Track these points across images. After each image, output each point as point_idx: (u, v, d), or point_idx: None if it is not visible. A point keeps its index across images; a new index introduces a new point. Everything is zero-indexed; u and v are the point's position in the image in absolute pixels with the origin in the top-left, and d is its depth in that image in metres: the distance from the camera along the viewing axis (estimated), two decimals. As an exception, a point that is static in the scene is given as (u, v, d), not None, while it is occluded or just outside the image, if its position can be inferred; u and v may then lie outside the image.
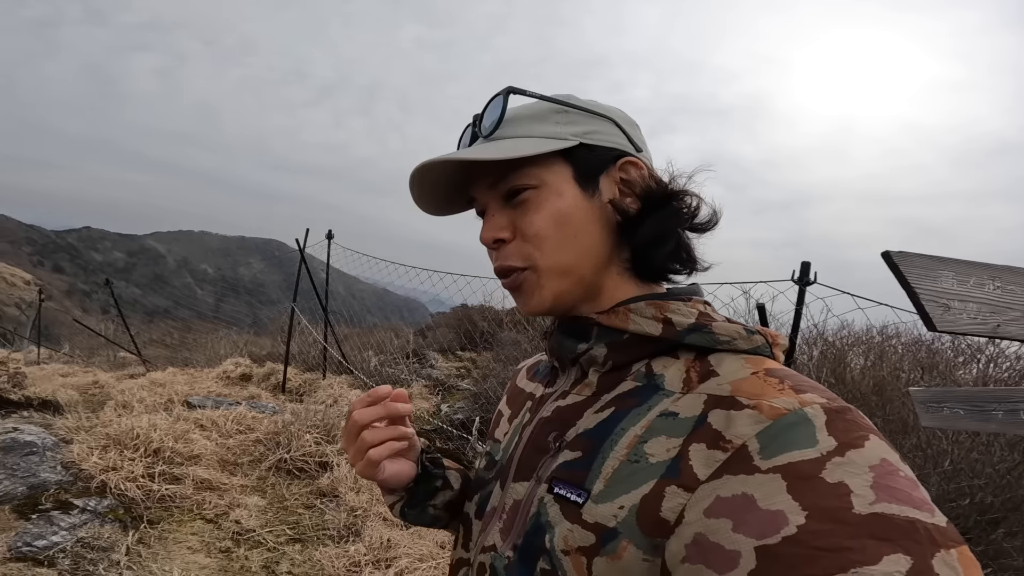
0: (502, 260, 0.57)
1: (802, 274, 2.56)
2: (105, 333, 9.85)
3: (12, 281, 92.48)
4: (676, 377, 0.50)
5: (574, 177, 0.55)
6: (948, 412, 1.84)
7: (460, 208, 0.64)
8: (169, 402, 4.51)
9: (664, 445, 0.45)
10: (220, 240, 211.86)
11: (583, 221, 0.55)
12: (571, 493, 0.49)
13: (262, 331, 10.49)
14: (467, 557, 0.60)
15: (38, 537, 2.38)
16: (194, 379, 6.24)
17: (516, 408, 0.68)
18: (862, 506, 0.36)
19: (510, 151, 0.53)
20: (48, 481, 2.73)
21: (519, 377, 0.75)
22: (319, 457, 3.85)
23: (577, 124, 0.56)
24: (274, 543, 2.86)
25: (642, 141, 0.60)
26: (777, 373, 0.46)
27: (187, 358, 8.34)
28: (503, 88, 0.56)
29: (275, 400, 5.77)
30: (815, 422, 0.40)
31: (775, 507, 0.37)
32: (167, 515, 2.85)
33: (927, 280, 1.24)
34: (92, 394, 4.65)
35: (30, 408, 3.80)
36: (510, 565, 0.51)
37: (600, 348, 0.55)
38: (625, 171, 0.56)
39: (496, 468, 0.62)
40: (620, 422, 0.50)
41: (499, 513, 0.57)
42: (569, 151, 0.55)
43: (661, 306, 0.53)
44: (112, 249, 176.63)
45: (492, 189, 0.57)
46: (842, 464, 0.38)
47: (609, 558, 0.44)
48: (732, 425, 0.42)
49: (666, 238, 0.55)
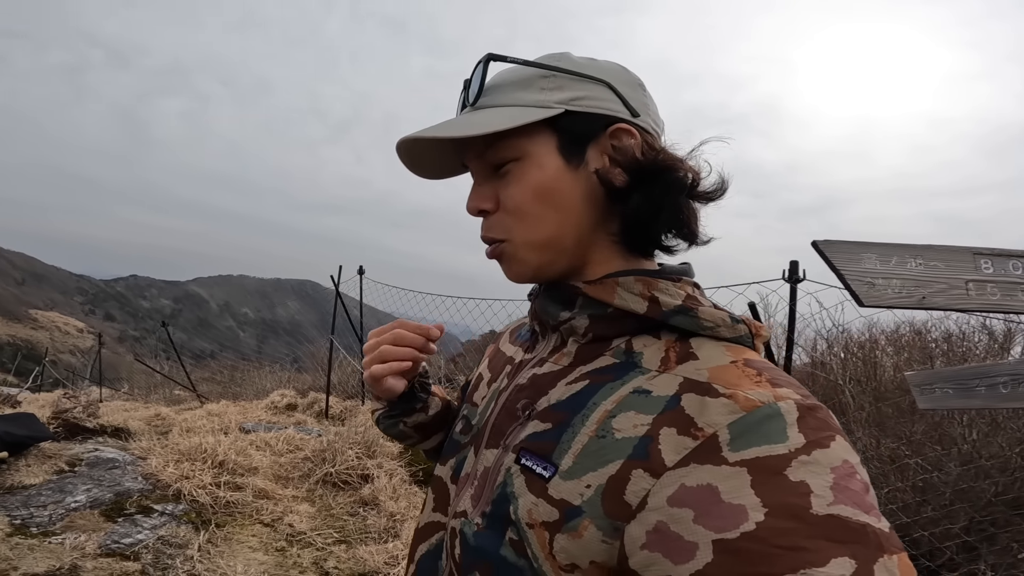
0: (485, 230, 0.57)
1: (792, 272, 2.67)
2: (160, 372, 10.55)
3: (66, 330, 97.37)
4: (654, 356, 0.49)
5: (558, 148, 0.53)
6: (939, 392, 1.92)
7: (457, 172, 0.62)
8: (226, 428, 4.92)
9: (632, 421, 0.45)
10: (257, 283, 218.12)
11: (565, 194, 0.53)
12: (538, 466, 0.48)
13: (303, 368, 10.96)
14: (443, 521, 0.59)
15: (124, 536, 2.73)
16: (245, 410, 6.68)
17: (496, 372, 0.67)
18: (820, 507, 0.36)
19: (481, 126, 0.51)
20: (131, 489, 3.12)
21: (502, 340, 0.74)
22: (361, 470, 4.17)
23: (564, 90, 0.53)
24: (322, 544, 3.17)
25: (642, 103, 0.55)
26: (756, 364, 0.46)
27: (237, 392, 8.86)
28: (484, 55, 0.55)
29: (319, 425, 6.14)
30: (787, 417, 0.40)
31: (737, 501, 0.37)
32: (231, 519, 3.19)
33: (851, 263, 1.47)
34: (156, 424, 5.10)
35: (104, 434, 4.24)
36: (479, 532, 0.50)
37: (583, 319, 0.54)
38: (617, 138, 0.53)
39: (472, 433, 0.62)
40: (593, 396, 0.49)
41: (471, 479, 0.56)
42: (556, 119, 0.52)
43: (649, 283, 0.52)
44: (159, 296, 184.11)
45: (479, 159, 0.56)
46: (806, 463, 0.38)
47: (570, 535, 0.43)
48: (705, 412, 0.42)
49: (657, 211, 0.52)
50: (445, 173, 0.62)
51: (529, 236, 0.54)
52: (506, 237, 0.55)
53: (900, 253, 1.52)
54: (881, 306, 1.52)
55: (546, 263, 0.55)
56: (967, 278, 1.47)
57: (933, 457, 2.79)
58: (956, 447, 2.80)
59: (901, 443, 2.96)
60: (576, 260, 0.56)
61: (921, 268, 1.52)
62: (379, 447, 4.56)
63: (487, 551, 0.49)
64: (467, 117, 0.54)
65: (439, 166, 0.61)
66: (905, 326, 4.05)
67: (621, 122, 0.53)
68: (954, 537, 2.53)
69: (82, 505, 2.90)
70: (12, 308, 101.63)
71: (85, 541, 2.61)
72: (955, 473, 2.69)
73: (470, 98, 0.56)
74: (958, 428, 2.89)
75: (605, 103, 0.53)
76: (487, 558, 0.49)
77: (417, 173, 0.61)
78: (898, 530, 2.60)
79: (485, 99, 0.55)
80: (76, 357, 46.85)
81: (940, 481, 2.68)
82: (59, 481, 3.10)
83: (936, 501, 2.65)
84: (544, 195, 0.53)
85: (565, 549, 0.44)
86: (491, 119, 0.52)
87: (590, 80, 0.53)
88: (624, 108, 0.53)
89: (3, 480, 3.04)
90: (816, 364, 4.14)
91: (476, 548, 0.50)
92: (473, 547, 0.51)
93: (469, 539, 0.51)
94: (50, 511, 2.79)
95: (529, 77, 0.54)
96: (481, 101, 0.55)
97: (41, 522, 2.69)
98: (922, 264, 1.52)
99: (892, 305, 1.53)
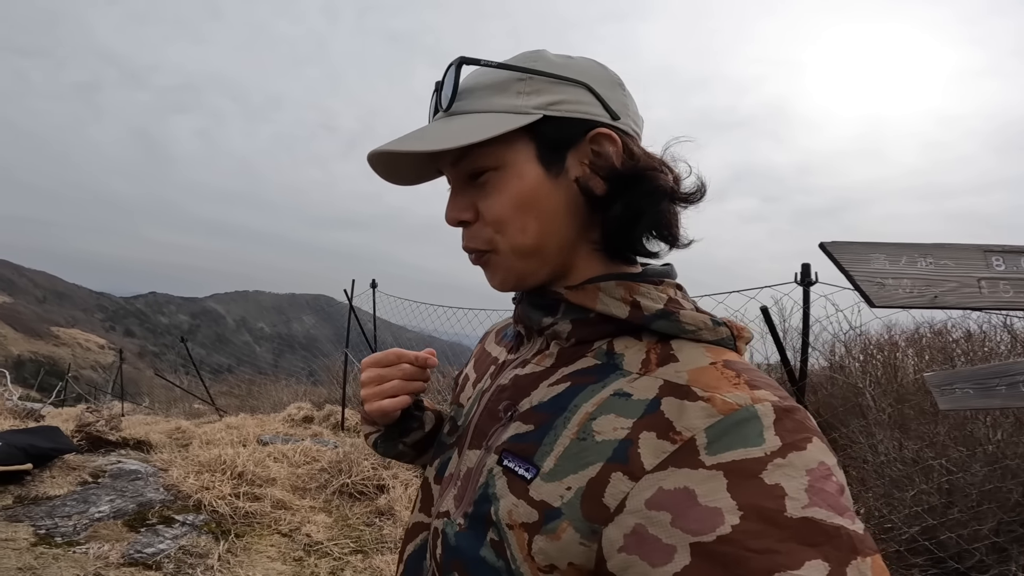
0: (467, 240, 0.56)
1: (804, 275, 2.65)
2: (180, 387, 10.71)
3: (87, 346, 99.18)
4: (635, 358, 0.49)
5: (537, 156, 0.51)
6: (960, 392, 1.87)
7: (433, 176, 0.60)
8: (244, 440, 4.99)
9: (612, 424, 0.45)
10: (273, 298, 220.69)
11: (546, 203, 0.52)
12: (519, 467, 0.48)
13: (318, 381, 11.06)
14: (427, 521, 0.59)
15: (147, 546, 2.78)
16: (263, 422, 6.75)
17: (481, 372, 0.67)
18: (794, 509, 0.36)
19: (456, 138, 0.49)
20: (153, 500, 3.17)
21: (488, 340, 0.74)
22: (377, 481, 4.19)
23: (542, 94, 0.51)
24: (339, 554, 3.19)
25: (622, 104, 0.54)
26: (735, 366, 0.46)
27: (254, 405, 8.96)
28: (455, 59, 0.52)
29: (335, 437, 6.18)
30: (763, 420, 0.40)
31: (713, 504, 0.37)
32: (250, 529, 3.23)
33: (860, 263, 1.47)
34: (176, 437, 5.18)
35: (126, 447, 4.31)
36: (461, 532, 0.50)
37: (565, 324, 0.54)
38: (597, 143, 0.52)
39: (457, 433, 0.62)
40: (574, 398, 0.49)
41: (455, 479, 0.56)
42: (534, 124, 0.50)
43: (631, 288, 0.52)
44: (177, 312, 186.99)
45: (454, 167, 0.55)
46: (782, 466, 0.38)
47: (549, 537, 0.44)
48: (684, 416, 0.42)
49: (636, 218, 0.51)
50: (422, 179, 0.61)
51: (511, 246, 0.53)
52: (489, 248, 0.54)
53: (909, 252, 1.51)
54: (892, 306, 1.52)
55: (530, 272, 0.55)
56: (979, 276, 1.46)
57: (958, 458, 2.75)
58: (981, 448, 2.75)
59: (924, 445, 2.91)
60: (559, 267, 0.55)
61: (931, 267, 1.51)
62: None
63: (466, 552, 0.49)
64: (441, 125, 0.52)
65: (415, 173, 0.60)
66: (924, 327, 3.99)
67: (601, 126, 0.52)
68: (983, 539, 2.48)
69: (105, 515, 2.95)
70: (34, 326, 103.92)
71: (108, 551, 2.66)
72: (981, 474, 2.64)
73: (443, 103, 0.53)
74: (982, 428, 2.84)
75: (584, 107, 0.52)
76: (466, 558, 0.49)
77: (393, 182, 0.59)
78: (925, 533, 2.55)
79: (459, 103, 0.53)
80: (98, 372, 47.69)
81: (966, 482, 2.63)
82: (83, 492, 3.17)
83: (963, 503, 2.60)
84: (525, 205, 0.52)
85: (543, 551, 0.44)
86: (465, 128, 0.50)
87: (568, 82, 0.51)
88: (604, 111, 0.52)
89: (28, 491, 3.11)
90: (834, 367, 4.10)
91: (456, 548, 0.50)
92: (453, 547, 0.51)
93: (450, 539, 0.51)
94: (74, 521, 2.85)
95: (505, 80, 0.52)
96: (455, 106, 0.53)
97: (65, 532, 2.75)
98: (932, 263, 1.51)
99: (904, 305, 1.53)
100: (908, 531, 2.56)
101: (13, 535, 2.64)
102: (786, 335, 3.83)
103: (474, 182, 0.54)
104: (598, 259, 0.55)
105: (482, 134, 0.49)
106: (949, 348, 3.60)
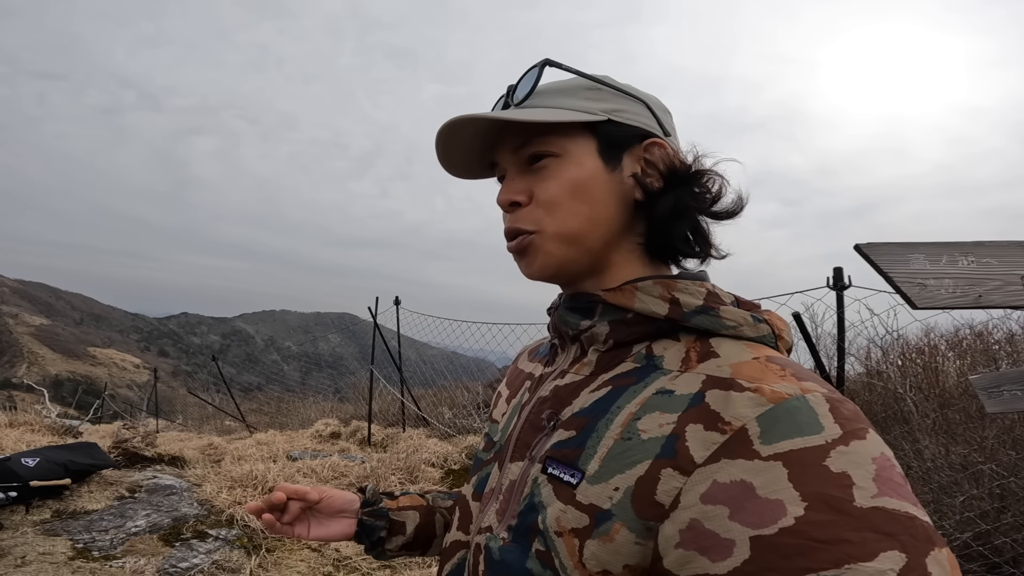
0: (512, 222, 0.57)
1: (836, 279, 2.59)
2: (212, 404, 10.93)
3: (123, 366, 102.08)
4: (675, 357, 0.49)
5: (597, 150, 0.55)
6: (1008, 395, 1.83)
7: (481, 174, 0.64)
8: (274, 456, 5.05)
9: (657, 421, 0.44)
10: (299, 318, 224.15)
11: (600, 192, 0.54)
12: (564, 473, 0.48)
13: (345, 398, 11.17)
14: (466, 539, 0.59)
15: (181, 560, 2.81)
16: (292, 439, 6.84)
17: (515, 388, 0.68)
18: (864, 499, 0.35)
19: (540, 115, 0.54)
20: (188, 515, 3.22)
21: (520, 359, 0.75)
22: (405, 495, 4.20)
23: (607, 101, 0.56)
24: (367, 569, 3.18)
25: (672, 128, 0.60)
26: (779, 360, 0.45)
27: (283, 422, 9.08)
28: (540, 60, 0.57)
29: (362, 452, 6.21)
30: (817, 409, 0.39)
31: (774, 496, 0.36)
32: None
33: (899, 265, 1.42)
34: (209, 453, 5.27)
35: (161, 463, 4.40)
36: (505, 546, 0.50)
37: (603, 326, 0.54)
38: (650, 151, 0.56)
39: (495, 448, 0.62)
40: (616, 400, 0.49)
41: (496, 494, 0.56)
42: (595, 125, 0.55)
43: (669, 285, 0.52)
44: (208, 333, 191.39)
45: (514, 154, 0.57)
46: (846, 453, 0.37)
47: (601, 540, 0.43)
48: (731, 406, 0.41)
49: (684, 216, 0.53)
50: (469, 172, 0.64)
51: (559, 228, 0.55)
52: (535, 228, 0.56)
53: (950, 251, 1.46)
54: (936, 307, 1.46)
55: (570, 259, 0.56)
56: (1023, 273, 1.41)
57: (1008, 462, 2.63)
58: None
59: (972, 449, 2.79)
60: (598, 262, 0.56)
61: (973, 266, 1.46)
62: (421, 472, 4.58)
63: (511, 565, 0.49)
64: (517, 111, 0.56)
65: (467, 162, 0.62)
66: (964, 329, 3.85)
67: (655, 137, 0.56)
68: (1039, 542, 2.38)
69: (142, 530, 3.00)
70: (72, 347, 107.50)
71: (144, 565, 2.69)
72: (1034, 477, 2.53)
73: (517, 98, 0.57)
74: (1033, 431, 2.72)
75: (643, 118, 0.56)
76: (511, 571, 0.49)
77: (444, 164, 0.62)
78: (978, 538, 2.50)
79: (531, 101, 0.57)
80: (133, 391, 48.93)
81: (1018, 487, 2.52)
82: (120, 506, 3.23)
83: (1016, 507, 2.52)
84: (580, 191, 0.54)
85: (596, 555, 0.43)
86: (546, 113, 0.54)
87: (630, 97, 0.57)
88: (658, 126, 0.57)
89: (67, 506, 3.19)
90: (872, 373, 3.96)
91: (500, 562, 0.50)
92: (497, 561, 0.50)
93: (494, 554, 0.51)
94: (111, 535, 2.90)
95: (574, 87, 0.56)
96: (528, 102, 0.57)
97: (103, 546, 2.80)
98: (974, 261, 1.46)
99: (947, 306, 1.47)
100: (960, 537, 2.49)
101: (51, 549, 2.69)
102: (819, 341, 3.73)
103: (532, 167, 0.56)
104: (637, 260, 0.57)
105: (559, 117, 0.53)
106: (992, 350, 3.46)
